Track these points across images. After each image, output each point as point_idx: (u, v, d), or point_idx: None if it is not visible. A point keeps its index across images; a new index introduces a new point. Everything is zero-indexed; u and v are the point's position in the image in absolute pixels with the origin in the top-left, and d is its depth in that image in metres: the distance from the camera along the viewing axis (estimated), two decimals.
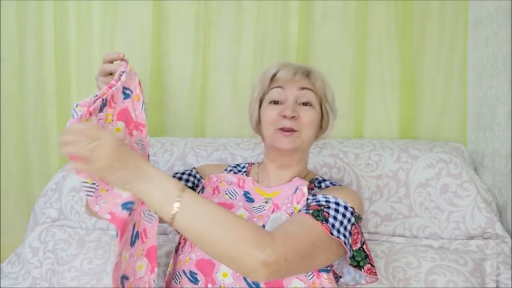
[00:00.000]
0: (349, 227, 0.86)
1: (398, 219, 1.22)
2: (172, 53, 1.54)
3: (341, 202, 0.88)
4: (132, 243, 0.85)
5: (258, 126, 1.05)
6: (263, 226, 0.89)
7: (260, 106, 1.03)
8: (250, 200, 0.99)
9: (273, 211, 0.93)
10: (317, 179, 1.04)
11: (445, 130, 1.45)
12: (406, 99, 1.44)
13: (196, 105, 1.53)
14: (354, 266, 0.89)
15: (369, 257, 0.90)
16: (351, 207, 0.88)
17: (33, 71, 1.57)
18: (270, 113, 0.98)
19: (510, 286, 1.11)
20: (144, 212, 0.87)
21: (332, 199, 0.87)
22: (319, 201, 0.88)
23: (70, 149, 0.70)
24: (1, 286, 1.26)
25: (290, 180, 1.00)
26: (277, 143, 0.96)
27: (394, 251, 1.13)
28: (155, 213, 0.86)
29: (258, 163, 1.12)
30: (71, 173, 0.80)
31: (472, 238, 1.18)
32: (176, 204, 0.73)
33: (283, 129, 0.95)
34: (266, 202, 0.96)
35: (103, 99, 0.80)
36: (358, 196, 0.96)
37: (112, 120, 0.83)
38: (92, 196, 0.77)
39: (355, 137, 1.47)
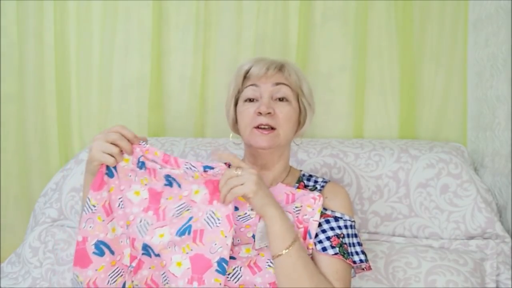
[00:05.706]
0: (356, 243, 0.94)
1: (398, 219, 1.22)
2: (172, 53, 1.54)
3: (348, 222, 0.94)
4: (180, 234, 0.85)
5: (235, 125, 1.05)
6: (253, 236, 0.90)
7: (236, 104, 1.03)
8: (234, 208, 0.95)
9: (259, 219, 0.92)
10: (304, 175, 1.05)
11: (445, 130, 1.45)
12: (406, 99, 1.44)
13: (196, 105, 1.53)
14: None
15: (346, 250, 0.92)
16: (353, 221, 0.96)
17: (33, 71, 1.57)
18: (246, 112, 0.97)
19: (510, 286, 1.11)
20: (208, 213, 0.86)
21: (341, 223, 0.93)
22: (334, 229, 0.92)
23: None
24: (1, 286, 1.26)
25: (274, 184, 0.99)
26: (254, 141, 0.95)
27: (394, 251, 1.13)
28: (268, 241, 0.87)
29: None
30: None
31: (472, 238, 1.18)
32: (288, 246, 0.83)
33: (259, 127, 0.94)
34: (252, 209, 0.93)
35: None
36: (348, 196, 1.00)
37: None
38: (86, 214, 0.85)
39: (355, 137, 1.47)
